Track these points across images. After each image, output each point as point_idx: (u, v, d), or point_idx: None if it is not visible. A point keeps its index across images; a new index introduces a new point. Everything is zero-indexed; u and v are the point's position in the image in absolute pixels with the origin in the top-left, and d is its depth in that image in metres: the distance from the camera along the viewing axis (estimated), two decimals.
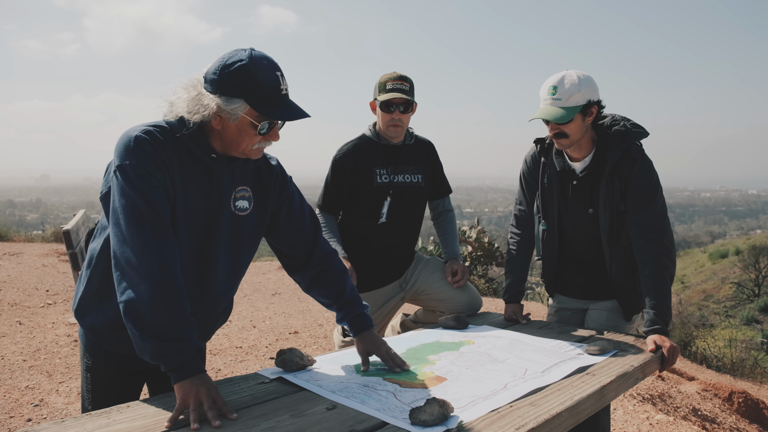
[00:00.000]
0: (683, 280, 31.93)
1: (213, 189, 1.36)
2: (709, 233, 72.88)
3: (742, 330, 20.15)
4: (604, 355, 1.66)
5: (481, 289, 9.23)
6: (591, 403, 1.36)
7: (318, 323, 5.17)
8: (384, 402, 1.28)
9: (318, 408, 1.26)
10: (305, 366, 1.53)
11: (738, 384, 6.60)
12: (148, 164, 1.25)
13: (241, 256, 1.48)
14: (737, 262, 30.24)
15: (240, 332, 4.70)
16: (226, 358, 3.97)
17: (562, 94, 1.85)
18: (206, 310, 1.46)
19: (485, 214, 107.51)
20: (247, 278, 7.52)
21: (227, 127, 1.31)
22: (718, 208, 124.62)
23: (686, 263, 35.47)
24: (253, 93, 1.27)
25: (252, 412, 1.24)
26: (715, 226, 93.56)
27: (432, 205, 2.54)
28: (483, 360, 1.60)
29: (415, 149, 2.38)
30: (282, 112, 1.30)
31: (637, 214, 1.93)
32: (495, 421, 1.19)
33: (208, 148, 1.34)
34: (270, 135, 1.34)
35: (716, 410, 4.66)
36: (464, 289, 2.31)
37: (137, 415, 1.21)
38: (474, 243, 9.70)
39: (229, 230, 1.42)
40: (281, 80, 1.30)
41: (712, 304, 27.60)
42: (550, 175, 2.09)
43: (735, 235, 60.50)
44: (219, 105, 1.27)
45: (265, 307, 5.80)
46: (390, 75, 2.24)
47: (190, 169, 1.33)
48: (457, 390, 1.36)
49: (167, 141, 1.30)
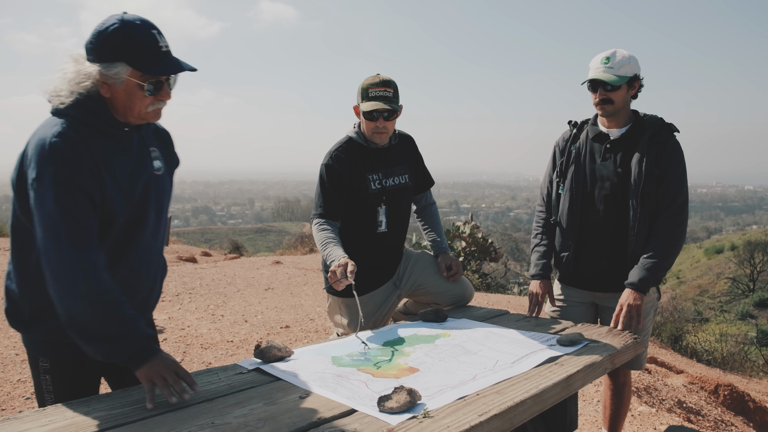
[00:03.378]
0: (678, 275, 32.10)
1: (133, 159, 1.41)
2: (705, 229, 73.14)
3: (737, 325, 20.29)
4: (575, 346, 1.71)
5: (475, 285, 9.30)
6: (557, 391, 1.41)
7: (309, 318, 5.22)
8: (355, 391, 1.33)
9: (291, 396, 1.31)
10: (283, 357, 1.57)
11: (727, 378, 6.69)
12: (66, 171, 1.25)
13: (164, 215, 1.54)
14: (732, 258, 30.41)
15: (232, 326, 4.74)
16: (217, 352, 4.01)
17: (615, 64, 2.08)
18: (151, 273, 1.52)
19: (482, 209, 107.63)
20: (240, 273, 7.57)
21: (116, 93, 1.34)
22: (714, 204, 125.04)
23: (682, 258, 35.63)
24: (132, 53, 1.30)
25: (228, 400, 1.29)
26: (711, 222, 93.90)
27: (416, 199, 2.53)
28: (456, 352, 1.65)
29: (400, 148, 2.38)
30: (164, 67, 1.34)
31: (664, 186, 2.08)
32: (460, 408, 1.24)
33: (115, 122, 1.37)
34: (161, 95, 1.37)
35: (701, 403, 4.73)
36: (458, 281, 2.35)
37: (116, 404, 1.25)
38: (468, 238, 9.75)
39: (155, 192, 1.47)
40: (158, 38, 1.34)
41: (708, 299, 27.78)
42: (581, 141, 2.25)
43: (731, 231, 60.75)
44: (101, 71, 1.31)
45: (257, 302, 5.85)
46: (372, 80, 2.17)
47: (109, 149, 1.36)
48: (427, 380, 1.41)
49: (80, 133, 1.30)
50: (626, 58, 2.08)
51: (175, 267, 8.17)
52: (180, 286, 6.39)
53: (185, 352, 3.99)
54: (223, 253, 12.95)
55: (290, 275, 7.58)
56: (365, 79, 2.22)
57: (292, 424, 1.16)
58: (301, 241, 13.69)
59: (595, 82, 2.10)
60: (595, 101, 2.14)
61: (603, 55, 2.11)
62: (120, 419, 1.17)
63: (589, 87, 2.14)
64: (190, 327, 4.66)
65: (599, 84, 2.09)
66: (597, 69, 2.10)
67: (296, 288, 6.71)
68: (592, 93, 2.14)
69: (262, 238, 40.49)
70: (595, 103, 2.15)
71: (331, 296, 2.35)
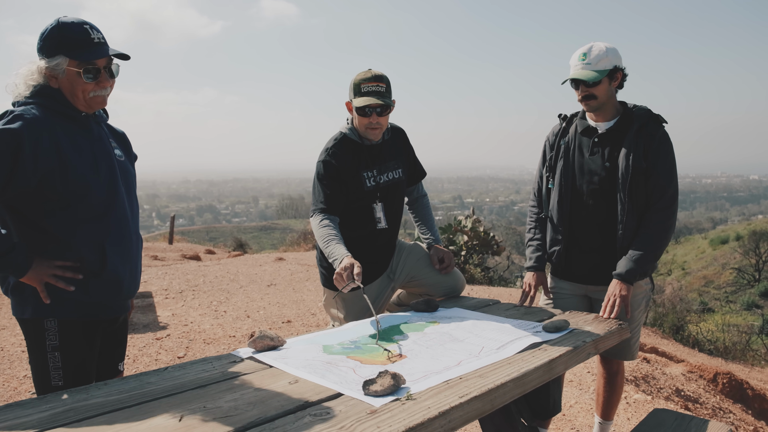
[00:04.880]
0: (684, 267, 31.99)
1: (95, 141, 1.66)
2: (710, 219, 72.63)
3: (743, 315, 20.18)
4: (560, 332, 1.75)
5: (477, 279, 9.33)
6: (538, 375, 1.45)
7: (311, 312, 5.28)
8: (343, 376, 1.38)
9: (281, 382, 1.36)
10: (276, 346, 1.63)
11: (728, 367, 6.71)
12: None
13: (133, 195, 1.79)
14: (738, 248, 30.26)
15: (234, 322, 4.81)
16: (219, 347, 4.08)
17: (592, 60, 2.09)
18: (133, 244, 1.76)
19: (486, 204, 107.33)
20: (243, 270, 7.64)
21: (62, 83, 1.60)
22: (719, 194, 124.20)
23: (687, 249, 35.51)
24: (68, 46, 1.58)
25: (220, 386, 1.35)
26: (716, 212, 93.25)
27: (408, 191, 2.55)
28: (444, 340, 1.70)
29: (392, 142, 2.39)
30: (93, 53, 1.59)
31: (653, 179, 2.10)
32: (442, 390, 1.29)
33: (72, 107, 1.62)
34: (100, 80, 1.62)
35: (700, 391, 4.76)
36: (450, 273, 2.39)
37: (113, 390, 1.31)
38: (469, 232, 9.78)
39: (121, 173, 1.72)
40: (91, 31, 1.60)
41: (713, 290, 27.68)
42: (570, 136, 2.27)
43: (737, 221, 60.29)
44: (46, 66, 1.58)
45: (260, 297, 5.92)
46: (365, 75, 2.17)
47: (70, 129, 1.61)
48: (413, 366, 1.46)
49: (39, 115, 1.54)
50: (603, 52, 2.09)
51: (179, 265, 8.26)
52: (183, 283, 6.47)
53: (188, 347, 4.06)
54: (227, 251, 13.05)
55: (293, 271, 7.65)
56: (357, 74, 2.21)
57: (280, 407, 1.21)
58: (304, 237, 13.76)
59: (575, 79, 2.12)
60: (579, 98, 2.17)
61: (580, 51, 2.12)
62: (117, 405, 1.23)
63: (572, 84, 2.16)
64: (193, 323, 4.73)
65: (580, 81, 2.11)
66: (576, 67, 2.12)
67: (298, 284, 6.78)
68: (575, 90, 2.16)
69: (267, 236, 40.64)
70: (578, 100, 2.18)
71: (327, 290, 2.40)
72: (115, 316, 1.76)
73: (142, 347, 3.98)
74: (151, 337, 4.22)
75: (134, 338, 4.17)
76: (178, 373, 1.43)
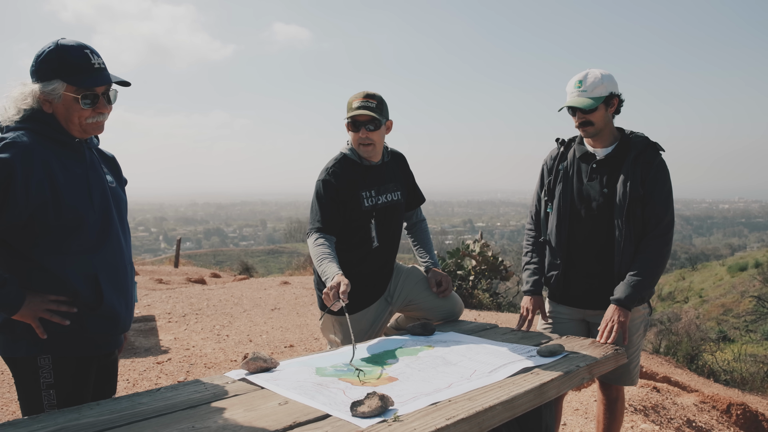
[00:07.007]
0: (701, 294, 31.35)
1: (88, 168, 1.60)
2: (728, 246, 71.45)
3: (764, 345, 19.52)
4: (555, 356, 1.74)
5: (485, 304, 9.23)
6: (529, 398, 1.44)
7: (314, 337, 5.26)
8: (332, 398, 1.38)
9: (271, 404, 1.37)
10: (269, 368, 1.64)
11: (744, 398, 6.51)
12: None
13: (125, 222, 1.72)
14: (757, 275, 29.59)
15: (236, 346, 4.80)
16: (220, 371, 4.07)
17: (587, 87, 2.12)
18: (128, 272, 1.70)
19: (497, 228, 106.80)
20: (247, 294, 7.65)
21: (56, 108, 1.53)
22: (737, 220, 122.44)
23: (704, 276, 34.82)
24: (66, 71, 1.49)
25: (210, 407, 1.35)
26: (734, 239, 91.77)
27: (406, 216, 2.58)
28: (437, 363, 1.70)
29: (393, 165, 2.44)
30: (94, 80, 1.52)
31: (650, 207, 2.11)
32: (430, 413, 1.29)
33: (66, 133, 1.55)
34: (98, 107, 1.55)
35: (713, 422, 4.63)
36: (448, 297, 2.39)
37: (105, 411, 1.32)
38: (478, 257, 9.73)
39: (114, 200, 1.65)
40: (91, 56, 1.53)
41: (732, 318, 26.97)
42: (569, 161, 2.29)
43: (756, 248, 59.30)
44: (41, 90, 1.50)
45: (263, 321, 5.91)
46: (357, 94, 2.25)
47: (63, 155, 1.53)
48: (402, 387, 1.46)
49: (31, 143, 1.47)
50: (598, 79, 2.11)
51: (183, 288, 8.29)
52: (187, 307, 6.49)
53: (188, 371, 4.05)
54: (233, 275, 13.07)
55: (297, 295, 7.65)
56: (351, 95, 2.29)
57: (269, 427, 1.22)
58: (309, 261, 13.78)
59: (572, 107, 2.16)
60: (576, 125, 2.20)
61: (576, 78, 2.15)
62: (107, 424, 1.24)
63: (569, 111, 2.20)
64: (195, 347, 4.73)
65: (576, 108, 2.15)
66: (572, 94, 2.15)
67: (302, 308, 6.76)
68: (572, 116, 2.19)
69: (274, 260, 40.63)
70: (576, 126, 2.21)
71: (324, 314, 2.41)
72: (109, 350, 1.69)
73: (142, 371, 3.98)
74: (152, 361, 4.22)
75: (135, 362, 4.17)
76: (170, 394, 1.44)
